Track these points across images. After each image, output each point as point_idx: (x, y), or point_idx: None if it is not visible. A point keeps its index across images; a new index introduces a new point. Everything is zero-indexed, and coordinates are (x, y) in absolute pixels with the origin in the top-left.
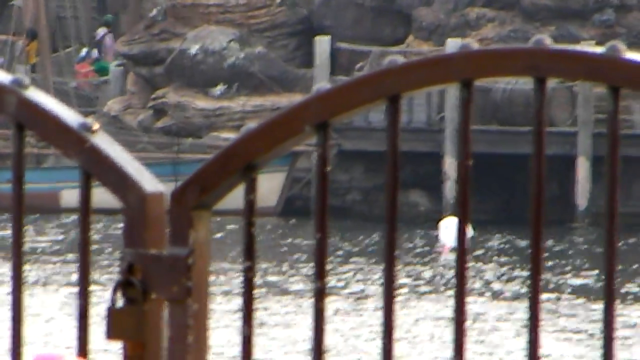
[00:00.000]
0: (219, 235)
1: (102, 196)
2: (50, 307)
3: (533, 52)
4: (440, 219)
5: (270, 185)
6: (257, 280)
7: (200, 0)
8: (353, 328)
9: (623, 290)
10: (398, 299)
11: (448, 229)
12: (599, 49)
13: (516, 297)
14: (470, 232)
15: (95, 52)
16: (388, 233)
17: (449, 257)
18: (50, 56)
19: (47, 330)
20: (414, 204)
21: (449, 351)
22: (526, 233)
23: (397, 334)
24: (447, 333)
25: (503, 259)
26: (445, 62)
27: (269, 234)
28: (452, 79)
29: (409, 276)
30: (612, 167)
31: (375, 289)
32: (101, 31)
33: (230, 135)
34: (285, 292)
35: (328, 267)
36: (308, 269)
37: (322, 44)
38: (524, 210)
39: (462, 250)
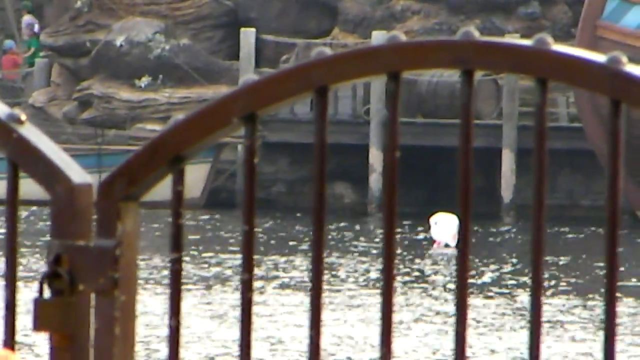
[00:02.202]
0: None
1: (29, 187)
2: None
3: (461, 44)
4: (430, 215)
5: (193, 177)
6: (185, 272)
7: None
8: (277, 320)
9: (547, 282)
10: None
11: (438, 224)
12: (527, 41)
13: (443, 290)
14: (458, 225)
15: (37, 27)
16: (315, 225)
17: (443, 251)
18: None
19: None
20: (339, 196)
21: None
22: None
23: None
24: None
25: (427, 250)
26: (373, 54)
27: (193, 225)
28: (380, 71)
29: (339, 269)
30: (539, 159)
31: (300, 280)
32: (28, 19)
33: (156, 127)
34: (212, 283)
35: (255, 258)
36: (234, 260)
37: (247, 36)
38: (448, 202)
39: (389, 243)
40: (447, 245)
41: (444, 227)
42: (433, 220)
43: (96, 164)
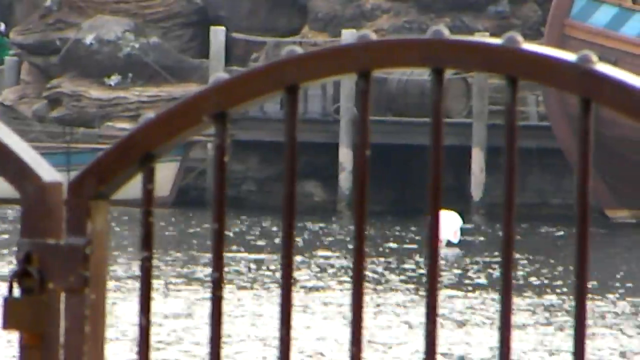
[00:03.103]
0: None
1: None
2: None
3: (432, 43)
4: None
5: (162, 175)
6: (156, 270)
7: None
8: (246, 317)
9: (517, 280)
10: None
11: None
12: (497, 40)
13: (413, 289)
14: (459, 222)
15: (2, 26)
16: (285, 224)
17: (447, 252)
18: None
19: None
20: (308, 195)
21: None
22: (420, 223)
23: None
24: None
25: (396, 247)
26: (344, 52)
27: (164, 223)
28: (350, 70)
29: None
30: (509, 157)
31: (270, 279)
32: None
33: (126, 126)
34: (182, 281)
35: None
36: (204, 259)
37: (217, 35)
38: (418, 200)
39: (360, 242)
40: (448, 243)
41: (445, 224)
42: None
43: (65, 162)
